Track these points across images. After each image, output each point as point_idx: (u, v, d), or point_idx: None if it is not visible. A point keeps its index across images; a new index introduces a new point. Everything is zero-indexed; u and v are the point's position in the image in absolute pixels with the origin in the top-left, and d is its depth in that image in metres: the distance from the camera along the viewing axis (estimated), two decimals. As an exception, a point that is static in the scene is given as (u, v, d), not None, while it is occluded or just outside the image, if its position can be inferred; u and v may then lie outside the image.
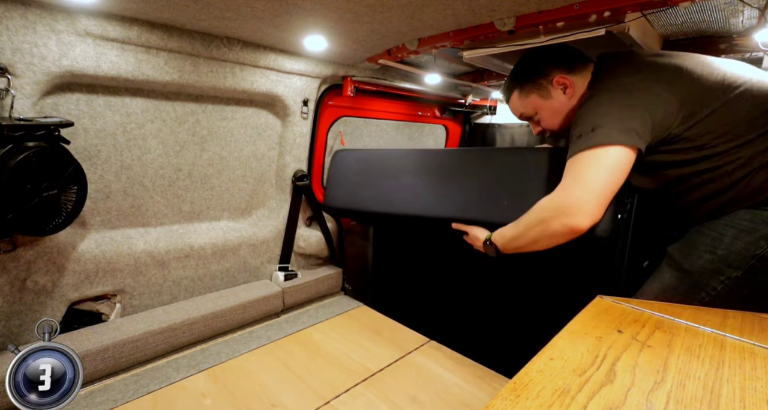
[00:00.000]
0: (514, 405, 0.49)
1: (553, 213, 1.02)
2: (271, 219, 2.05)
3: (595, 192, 0.96)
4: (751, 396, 0.52)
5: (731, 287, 0.96)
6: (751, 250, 0.93)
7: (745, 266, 0.94)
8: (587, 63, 1.21)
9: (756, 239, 0.93)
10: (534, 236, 1.09)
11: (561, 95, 1.20)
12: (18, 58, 1.14)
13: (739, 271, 0.95)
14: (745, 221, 0.95)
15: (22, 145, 1.09)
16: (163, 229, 1.70)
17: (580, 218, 0.97)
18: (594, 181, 0.96)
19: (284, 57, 1.73)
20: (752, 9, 1.23)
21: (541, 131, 1.32)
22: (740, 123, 0.95)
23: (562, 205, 1.00)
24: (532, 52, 1.27)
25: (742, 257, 0.94)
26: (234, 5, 1.20)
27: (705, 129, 0.97)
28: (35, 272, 1.32)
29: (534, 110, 1.27)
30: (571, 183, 1.00)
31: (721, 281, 0.97)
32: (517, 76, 1.28)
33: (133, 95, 1.47)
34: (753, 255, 0.93)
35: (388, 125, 2.51)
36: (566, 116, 1.22)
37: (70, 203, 1.23)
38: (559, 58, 1.21)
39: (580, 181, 0.98)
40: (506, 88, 1.33)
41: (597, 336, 0.68)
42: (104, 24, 1.26)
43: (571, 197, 0.99)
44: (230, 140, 1.80)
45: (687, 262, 1.03)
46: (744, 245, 0.94)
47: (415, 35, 1.49)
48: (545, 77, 1.21)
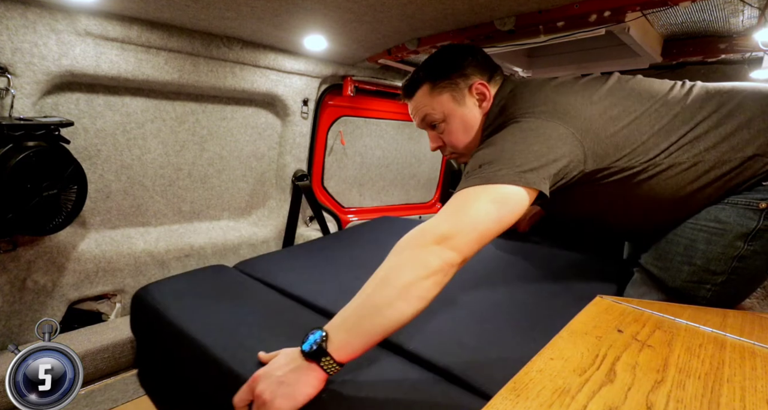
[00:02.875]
0: (514, 404, 0.49)
1: (422, 244, 0.76)
2: (271, 219, 2.05)
3: (474, 231, 0.78)
4: (751, 396, 0.52)
5: (719, 291, 0.95)
6: (730, 253, 0.91)
7: (728, 270, 0.93)
8: (501, 75, 1.07)
9: (731, 241, 0.91)
10: (402, 285, 0.71)
11: (474, 106, 1.03)
12: (18, 57, 1.14)
13: (723, 276, 0.93)
14: (712, 222, 0.93)
15: (22, 144, 1.09)
16: (163, 229, 1.70)
17: (457, 250, 0.74)
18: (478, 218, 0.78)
19: (284, 57, 1.73)
20: (752, 9, 1.22)
21: (440, 146, 1.11)
22: None
23: (432, 233, 0.77)
24: (453, 47, 1.10)
25: (722, 262, 0.92)
26: (234, 5, 1.20)
27: None
28: (35, 271, 1.32)
29: (442, 115, 1.04)
30: (450, 213, 0.81)
31: (707, 289, 0.95)
32: (431, 68, 1.05)
33: (133, 95, 1.47)
34: (732, 257, 0.91)
35: (388, 125, 2.51)
36: (474, 133, 1.04)
37: (70, 202, 1.23)
38: (480, 60, 1.04)
39: (458, 213, 0.80)
40: (412, 81, 1.07)
41: (597, 335, 0.68)
42: (104, 24, 1.26)
43: (443, 225, 0.77)
44: (230, 140, 1.80)
45: (669, 278, 1.00)
46: (721, 249, 0.92)
47: (415, 35, 1.49)
48: (464, 79, 1.02)
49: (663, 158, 0.90)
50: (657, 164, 0.90)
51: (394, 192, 2.73)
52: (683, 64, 1.80)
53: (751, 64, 1.63)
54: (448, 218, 0.78)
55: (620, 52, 1.60)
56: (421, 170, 2.84)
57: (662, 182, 0.92)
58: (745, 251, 0.90)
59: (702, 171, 0.91)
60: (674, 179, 0.91)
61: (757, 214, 0.89)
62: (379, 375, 0.80)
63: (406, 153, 2.70)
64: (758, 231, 0.88)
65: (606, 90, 0.95)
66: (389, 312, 0.70)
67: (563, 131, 0.86)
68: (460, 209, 0.79)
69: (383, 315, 0.70)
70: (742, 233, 0.89)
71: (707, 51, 1.56)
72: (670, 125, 0.91)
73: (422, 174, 2.87)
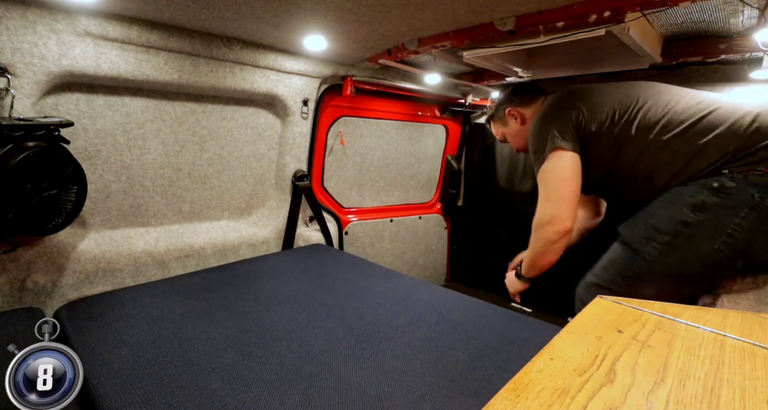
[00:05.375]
0: (514, 404, 0.49)
1: (542, 228, 1.31)
2: (271, 219, 2.05)
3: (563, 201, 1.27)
4: (751, 396, 0.52)
5: (664, 251, 1.13)
6: (676, 217, 1.11)
7: (672, 232, 1.11)
8: (538, 96, 1.52)
9: (679, 208, 1.10)
10: (540, 250, 1.34)
11: (514, 122, 1.56)
12: (18, 58, 1.14)
13: (667, 236, 1.12)
14: (674, 194, 1.14)
15: (22, 145, 1.09)
16: (163, 229, 1.70)
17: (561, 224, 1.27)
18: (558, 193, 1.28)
19: (284, 57, 1.73)
20: (752, 9, 1.22)
21: (516, 149, 1.66)
22: None
23: (543, 220, 1.31)
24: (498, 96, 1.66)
25: (669, 224, 1.12)
26: (234, 5, 1.20)
27: None
28: (35, 272, 1.32)
29: (501, 134, 1.64)
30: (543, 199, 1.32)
31: (654, 246, 1.14)
32: (488, 113, 1.68)
33: (133, 95, 1.47)
34: (677, 221, 1.10)
35: (388, 125, 2.52)
36: (524, 137, 1.52)
37: (70, 203, 1.23)
38: (510, 97, 1.57)
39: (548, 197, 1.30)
40: (486, 121, 1.74)
41: (597, 335, 0.68)
42: (104, 24, 1.26)
43: (546, 212, 1.30)
44: (230, 140, 1.80)
45: (628, 235, 1.22)
46: (670, 213, 1.12)
47: (415, 35, 1.49)
48: (502, 111, 1.58)
49: None
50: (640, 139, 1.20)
51: (394, 192, 2.73)
52: (683, 64, 1.80)
53: (751, 65, 1.63)
54: (543, 203, 1.31)
55: (620, 52, 1.59)
56: (421, 170, 2.85)
57: (646, 159, 1.19)
58: (691, 219, 1.09)
59: (671, 154, 1.15)
60: (653, 157, 1.18)
61: (707, 190, 1.07)
62: None
63: (406, 153, 2.70)
64: (704, 204, 1.07)
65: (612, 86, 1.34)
66: (540, 261, 1.37)
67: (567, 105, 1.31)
68: (543, 195, 1.31)
69: (537, 264, 1.39)
70: (690, 203, 1.09)
71: (707, 51, 1.56)
72: None
73: (422, 174, 2.87)
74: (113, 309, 1.27)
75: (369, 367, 1.03)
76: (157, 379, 0.95)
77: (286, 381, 0.96)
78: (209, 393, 0.91)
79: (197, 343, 1.11)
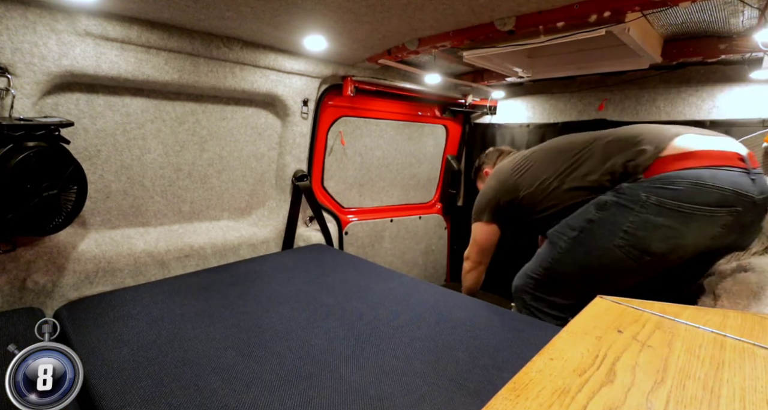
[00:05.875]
0: (514, 405, 0.49)
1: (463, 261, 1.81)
2: (271, 219, 2.05)
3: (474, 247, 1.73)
4: (751, 396, 0.52)
5: (572, 244, 1.34)
6: (584, 216, 1.31)
7: (579, 228, 1.32)
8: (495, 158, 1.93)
9: (588, 208, 1.31)
10: (462, 275, 1.84)
11: None
12: (18, 58, 1.14)
13: (575, 232, 1.33)
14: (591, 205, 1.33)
15: (22, 145, 1.09)
16: (163, 229, 1.70)
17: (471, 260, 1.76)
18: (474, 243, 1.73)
19: (284, 57, 1.73)
20: (752, 9, 1.23)
21: None
22: None
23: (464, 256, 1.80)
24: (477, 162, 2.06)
25: (579, 221, 1.33)
26: (234, 5, 1.20)
27: None
28: (35, 272, 1.32)
29: None
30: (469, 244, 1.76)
31: (565, 240, 1.36)
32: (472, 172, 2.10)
33: (133, 95, 1.47)
34: (585, 219, 1.31)
35: (388, 125, 2.52)
36: None
37: (70, 202, 1.23)
38: (486, 160, 1.98)
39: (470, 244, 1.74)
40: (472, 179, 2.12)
41: (597, 335, 0.68)
42: (104, 24, 1.26)
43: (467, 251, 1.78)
44: (230, 140, 1.80)
45: (551, 232, 1.43)
46: (581, 212, 1.33)
47: (415, 35, 1.49)
48: (480, 172, 2.00)
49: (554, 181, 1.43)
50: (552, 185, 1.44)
51: (393, 192, 2.74)
52: (683, 64, 1.80)
53: (751, 65, 1.63)
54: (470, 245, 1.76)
55: (620, 52, 1.60)
56: (421, 170, 2.85)
57: None
58: (595, 216, 1.28)
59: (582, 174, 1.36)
60: None
61: (612, 192, 1.26)
62: None
63: (406, 153, 2.70)
64: (606, 203, 1.26)
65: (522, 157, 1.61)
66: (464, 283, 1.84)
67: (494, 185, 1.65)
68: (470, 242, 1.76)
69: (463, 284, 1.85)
70: (596, 203, 1.29)
71: (707, 51, 1.56)
72: None
73: (422, 174, 2.87)
74: (113, 309, 1.27)
75: (369, 367, 1.03)
76: (157, 379, 0.94)
77: (286, 381, 0.96)
78: (209, 393, 0.91)
79: (197, 343, 1.11)
